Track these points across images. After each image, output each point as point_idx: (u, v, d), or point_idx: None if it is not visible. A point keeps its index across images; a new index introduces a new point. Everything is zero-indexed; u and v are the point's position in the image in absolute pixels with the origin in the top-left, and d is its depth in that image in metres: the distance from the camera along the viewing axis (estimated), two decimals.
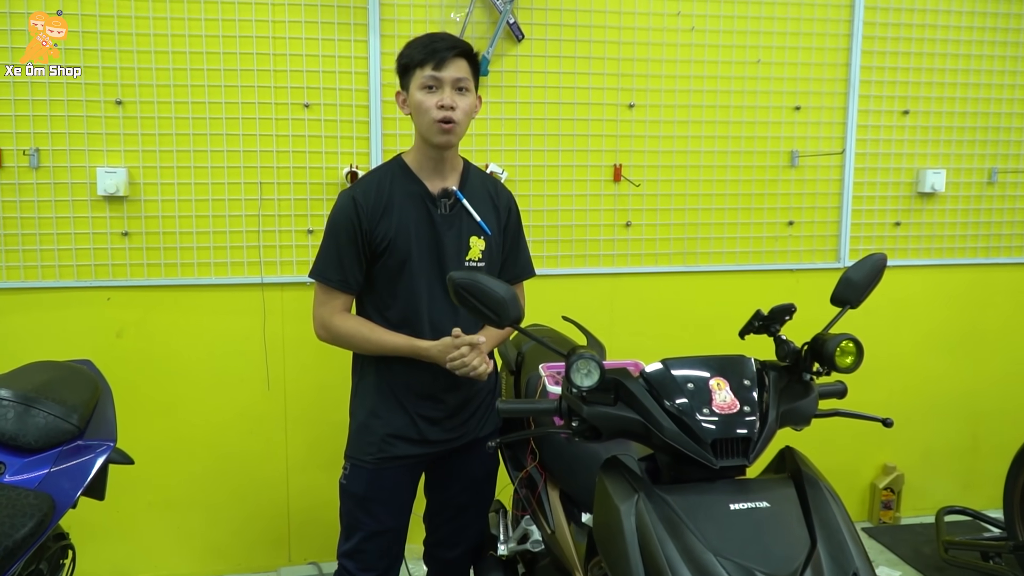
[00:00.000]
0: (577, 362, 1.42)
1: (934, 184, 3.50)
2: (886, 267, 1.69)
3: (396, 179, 2.08)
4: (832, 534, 1.34)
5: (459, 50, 2.00)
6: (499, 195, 2.20)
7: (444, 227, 2.07)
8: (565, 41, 3.15)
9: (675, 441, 1.41)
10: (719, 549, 1.30)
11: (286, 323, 3.06)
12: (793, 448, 1.55)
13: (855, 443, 3.65)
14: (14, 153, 2.80)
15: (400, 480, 2.15)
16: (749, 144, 3.36)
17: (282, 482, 3.16)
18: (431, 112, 1.98)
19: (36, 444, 1.86)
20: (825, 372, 1.55)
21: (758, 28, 3.31)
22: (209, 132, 2.93)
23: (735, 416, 1.42)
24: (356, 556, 2.16)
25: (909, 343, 3.66)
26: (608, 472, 1.49)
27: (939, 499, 3.65)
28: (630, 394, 1.46)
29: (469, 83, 2.03)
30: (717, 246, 3.39)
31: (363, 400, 2.15)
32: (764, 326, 1.61)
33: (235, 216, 2.98)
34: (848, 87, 3.41)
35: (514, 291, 1.52)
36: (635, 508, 1.37)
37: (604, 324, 3.30)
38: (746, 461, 1.41)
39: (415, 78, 2.01)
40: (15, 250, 2.85)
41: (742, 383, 1.47)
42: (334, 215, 2.07)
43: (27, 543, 1.71)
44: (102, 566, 3.06)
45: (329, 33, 2.97)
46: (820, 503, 1.39)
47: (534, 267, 2.33)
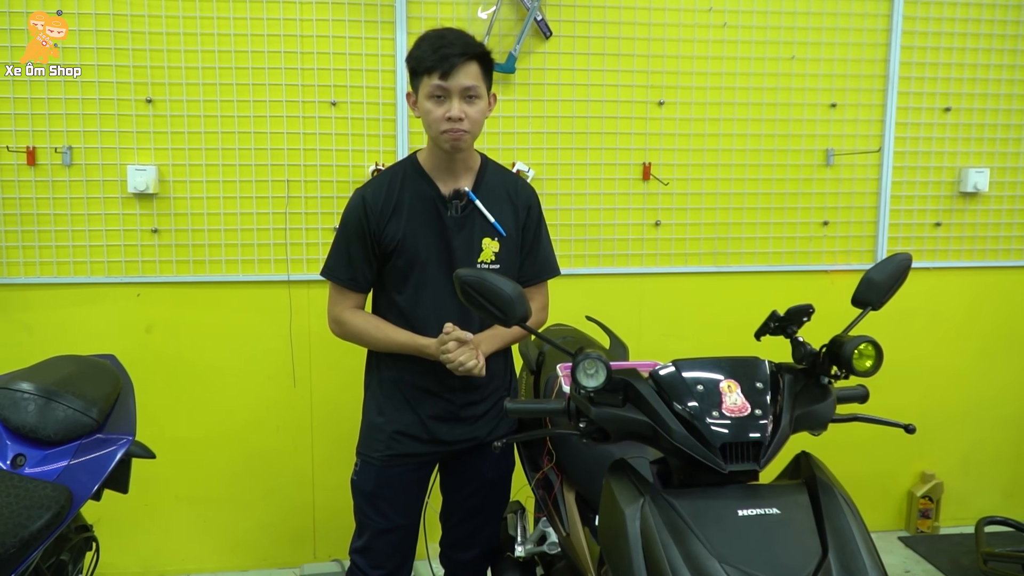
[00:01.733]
0: (584, 362, 1.39)
1: (977, 183, 3.39)
2: (911, 268, 1.62)
3: (407, 179, 2.05)
4: (845, 544, 1.29)
5: (469, 55, 1.91)
6: (518, 193, 2.15)
7: (455, 229, 2.04)
8: (594, 38, 3.12)
9: (683, 444, 1.38)
10: (725, 556, 1.26)
11: (312, 320, 3.07)
12: (809, 453, 1.50)
13: (891, 450, 3.55)
14: (47, 151, 2.86)
15: (408, 478, 2.14)
16: (783, 142, 3.29)
17: (308, 478, 3.17)
18: (439, 123, 1.93)
19: (56, 437, 1.88)
20: (843, 376, 1.49)
21: (792, 24, 3.24)
22: (237, 130, 2.95)
23: (746, 419, 1.38)
24: (366, 553, 2.16)
25: (949, 347, 3.56)
26: (614, 475, 1.46)
27: (980, 509, 3.53)
28: (639, 395, 1.43)
29: (480, 89, 1.94)
30: (749, 246, 3.33)
31: (373, 397, 2.16)
32: (780, 327, 1.56)
33: (262, 213, 3.00)
34: (887, 83, 3.32)
35: (521, 290, 1.49)
36: (640, 512, 1.34)
37: (632, 325, 3.26)
38: (756, 466, 1.36)
39: (423, 84, 1.94)
40: (48, 246, 2.90)
41: (754, 385, 1.43)
42: (345, 214, 2.06)
43: (43, 534, 1.73)
44: (129, 559, 3.11)
45: (356, 31, 2.97)
46: (834, 511, 1.34)
47: (558, 266, 2.28)
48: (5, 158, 2.84)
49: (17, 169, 2.85)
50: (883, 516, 3.63)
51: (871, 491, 3.59)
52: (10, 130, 2.83)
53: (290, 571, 3.14)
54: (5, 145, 2.82)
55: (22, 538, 1.67)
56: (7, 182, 2.85)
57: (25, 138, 2.84)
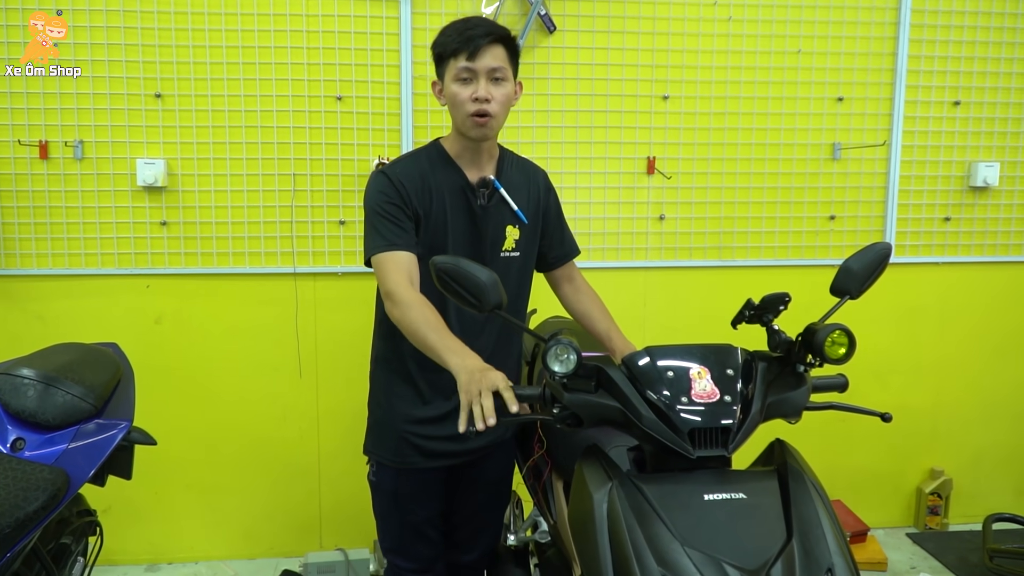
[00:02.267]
0: (555, 348, 1.40)
1: (987, 178, 3.36)
2: (890, 257, 1.61)
3: (436, 165, 2.00)
4: (810, 529, 1.30)
5: (495, 36, 1.88)
6: (536, 179, 2.14)
7: (484, 219, 2.00)
8: (597, 32, 3.13)
9: (652, 430, 1.39)
10: (688, 539, 1.27)
11: (318, 312, 3.11)
12: (784, 441, 1.51)
13: (901, 446, 3.53)
14: (59, 145, 2.92)
15: (428, 474, 2.09)
16: (788, 136, 3.28)
17: (314, 468, 3.22)
18: (466, 105, 1.89)
19: (55, 422, 1.93)
20: (818, 364, 1.50)
21: (799, 16, 3.22)
22: (244, 124, 3.00)
23: (715, 406, 1.39)
24: (399, 550, 2.14)
25: (958, 343, 3.52)
26: (586, 460, 1.47)
27: (990, 506, 3.50)
28: (610, 381, 1.44)
29: (506, 71, 1.90)
30: (754, 240, 3.32)
31: (377, 390, 2.12)
32: (756, 315, 1.57)
33: (269, 207, 3.04)
34: (895, 77, 3.30)
35: (496, 277, 1.49)
36: (608, 496, 1.35)
37: (637, 319, 3.26)
38: (725, 451, 1.37)
39: (449, 68, 1.91)
40: (60, 238, 2.96)
41: (725, 372, 1.44)
42: (373, 197, 1.93)
43: (40, 515, 1.77)
44: (137, 545, 3.17)
45: (362, 27, 3.01)
46: (801, 497, 1.34)
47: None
48: (18, 152, 2.91)
49: (30, 163, 2.92)
50: (892, 512, 3.61)
51: (880, 487, 3.57)
52: (23, 124, 2.90)
53: (296, 559, 3.19)
54: (18, 139, 2.89)
55: (18, 519, 1.72)
56: (20, 175, 2.92)
57: (38, 132, 2.91)
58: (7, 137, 2.90)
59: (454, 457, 2.08)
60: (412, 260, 1.89)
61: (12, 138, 2.90)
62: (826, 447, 3.41)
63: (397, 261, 1.86)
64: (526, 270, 2.09)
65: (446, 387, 1.99)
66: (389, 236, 1.88)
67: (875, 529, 3.46)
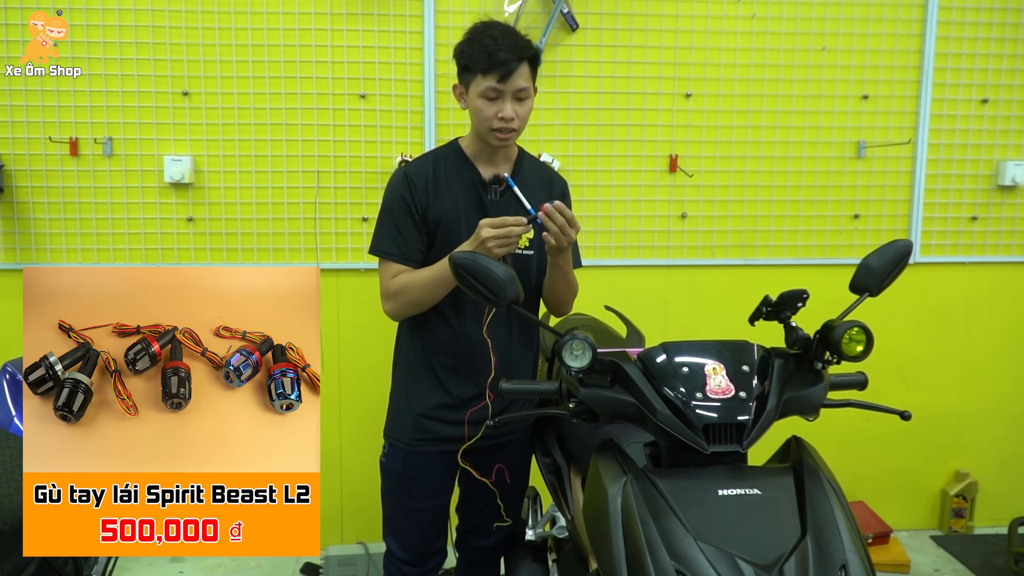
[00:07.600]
0: (571, 343, 1.42)
1: (1015, 176, 3.32)
2: (911, 254, 1.61)
3: (450, 162, 2.06)
4: (825, 525, 1.30)
5: (523, 57, 1.94)
6: (554, 183, 2.18)
7: (495, 213, 2.00)
8: (620, 30, 3.13)
9: (667, 425, 1.40)
10: (702, 534, 1.28)
11: (341, 308, 3.14)
12: (800, 438, 1.51)
13: (926, 447, 3.50)
14: (89, 142, 2.98)
15: (437, 461, 2.13)
16: (812, 134, 3.26)
17: (336, 463, 3.25)
18: (491, 121, 1.95)
19: None
20: (835, 361, 1.50)
21: (823, 14, 3.20)
22: (269, 122, 3.03)
23: (730, 402, 1.40)
24: (396, 534, 2.18)
25: (985, 343, 3.48)
26: (601, 454, 1.49)
27: (1017, 509, 3.45)
28: (626, 377, 1.45)
29: (530, 89, 1.98)
30: (777, 239, 3.31)
31: (401, 380, 2.16)
32: (774, 312, 1.57)
33: (293, 203, 3.08)
34: (921, 74, 3.27)
35: (513, 273, 1.51)
36: (622, 490, 1.36)
37: (658, 317, 3.26)
38: (739, 447, 1.38)
39: (475, 83, 1.95)
40: (89, 233, 3.02)
41: (740, 369, 1.44)
42: (388, 192, 2.05)
43: None
44: None
45: (385, 26, 3.03)
46: (817, 494, 1.35)
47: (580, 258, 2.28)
48: (49, 149, 2.97)
49: (60, 159, 2.98)
50: (916, 515, 3.57)
51: (904, 489, 3.54)
52: (54, 122, 2.96)
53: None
54: (48, 136, 2.95)
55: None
56: (51, 172, 2.98)
57: (68, 129, 2.96)
58: (38, 135, 2.96)
59: (464, 443, 2.09)
60: (406, 270, 2.02)
61: (44, 135, 2.96)
62: (849, 448, 3.38)
63: (391, 271, 2.02)
64: (541, 268, 2.11)
65: (465, 381, 2.08)
66: (403, 243, 2.01)
67: (898, 531, 3.43)
